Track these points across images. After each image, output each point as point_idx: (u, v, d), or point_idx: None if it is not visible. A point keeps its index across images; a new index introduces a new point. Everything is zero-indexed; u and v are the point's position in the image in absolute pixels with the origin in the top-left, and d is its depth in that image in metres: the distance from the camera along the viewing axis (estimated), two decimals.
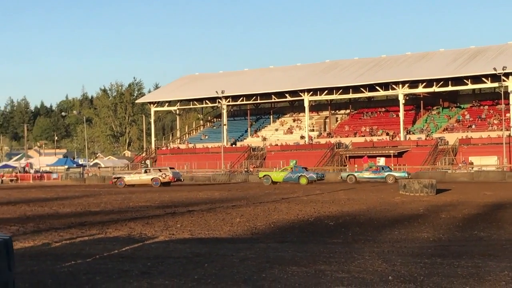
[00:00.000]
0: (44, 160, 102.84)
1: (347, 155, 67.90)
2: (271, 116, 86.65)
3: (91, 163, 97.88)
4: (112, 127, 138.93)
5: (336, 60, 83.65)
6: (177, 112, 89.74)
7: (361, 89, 71.79)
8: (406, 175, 47.62)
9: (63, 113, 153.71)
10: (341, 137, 73.65)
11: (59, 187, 46.33)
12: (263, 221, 16.50)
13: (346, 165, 65.39)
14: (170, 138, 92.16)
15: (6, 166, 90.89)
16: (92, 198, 29.25)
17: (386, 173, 47.98)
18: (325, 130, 79.44)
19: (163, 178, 46.03)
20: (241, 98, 79.65)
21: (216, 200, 26.97)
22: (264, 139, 78.62)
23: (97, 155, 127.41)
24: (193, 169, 71.77)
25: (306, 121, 75.72)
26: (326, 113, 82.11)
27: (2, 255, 5.09)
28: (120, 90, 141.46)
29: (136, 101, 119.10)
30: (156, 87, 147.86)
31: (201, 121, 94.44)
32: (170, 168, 50.36)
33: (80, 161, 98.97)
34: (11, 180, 72.26)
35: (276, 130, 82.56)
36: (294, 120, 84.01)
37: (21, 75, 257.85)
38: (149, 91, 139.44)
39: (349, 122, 79.63)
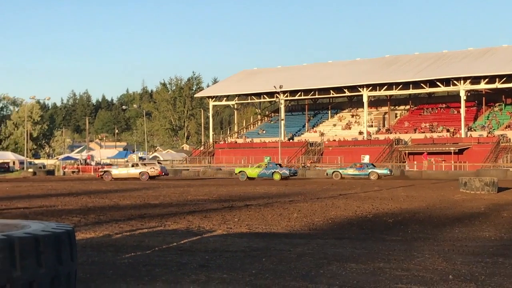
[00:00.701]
0: (104, 152, 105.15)
1: (406, 151, 67.11)
2: (329, 111, 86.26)
3: (150, 156, 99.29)
4: (171, 121, 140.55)
5: (396, 55, 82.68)
6: (235, 107, 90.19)
7: (422, 84, 70.82)
8: (388, 172, 49.71)
9: (123, 107, 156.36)
10: (400, 133, 72.81)
11: (119, 180, 47.09)
12: (320, 217, 16.41)
13: (405, 162, 64.69)
14: (228, 132, 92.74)
15: (68, 158, 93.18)
16: (151, 191, 29.62)
17: (370, 170, 49.43)
18: (384, 126, 78.63)
19: (152, 172, 47.54)
20: (299, 93, 79.49)
21: (273, 195, 26.95)
22: (322, 134, 78.31)
23: (156, 148, 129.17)
24: (250, 164, 72.00)
25: (365, 117, 75.08)
26: (385, 108, 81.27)
27: (65, 246, 5.18)
28: (179, 84, 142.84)
29: (194, 95, 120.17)
30: (215, 81, 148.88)
31: (259, 116, 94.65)
32: (158, 162, 53.83)
33: (140, 154, 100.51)
34: (73, 172, 74.00)
35: (334, 125, 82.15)
36: (352, 116, 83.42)
37: (83, 69, 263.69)
38: (208, 86, 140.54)
39: (408, 118, 78.63)
